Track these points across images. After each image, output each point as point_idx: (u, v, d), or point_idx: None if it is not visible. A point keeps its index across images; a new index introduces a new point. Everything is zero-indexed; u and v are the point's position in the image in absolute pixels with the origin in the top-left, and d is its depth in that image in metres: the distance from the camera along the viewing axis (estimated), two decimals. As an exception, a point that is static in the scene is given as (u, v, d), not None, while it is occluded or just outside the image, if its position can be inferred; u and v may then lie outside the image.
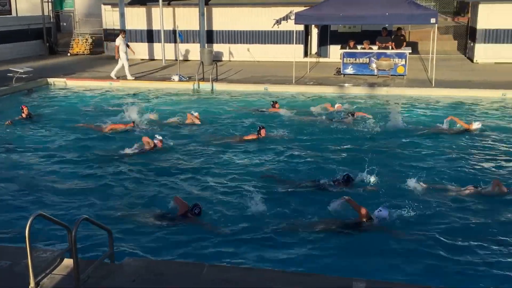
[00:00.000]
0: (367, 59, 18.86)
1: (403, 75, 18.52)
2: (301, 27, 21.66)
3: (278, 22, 22.93)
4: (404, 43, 19.83)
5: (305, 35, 23.26)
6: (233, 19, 23.38)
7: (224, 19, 23.48)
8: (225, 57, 23.75)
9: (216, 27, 23.65)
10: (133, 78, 19.30)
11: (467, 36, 23.92)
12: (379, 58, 18.70)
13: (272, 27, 23.08)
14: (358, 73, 18.99)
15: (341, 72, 19.22)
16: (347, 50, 19.21)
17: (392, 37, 20.20)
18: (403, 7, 16.84)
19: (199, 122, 13.47)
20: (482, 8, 21.06)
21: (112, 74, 19.31)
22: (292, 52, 19.50)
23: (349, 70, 19.10)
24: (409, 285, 5.71)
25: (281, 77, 19.06)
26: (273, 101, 15.16)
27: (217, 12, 23.55)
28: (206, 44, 22.91)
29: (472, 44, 22.21)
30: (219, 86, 18.31)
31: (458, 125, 12.63)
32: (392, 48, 19.26)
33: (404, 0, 17.02)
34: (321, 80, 18.62)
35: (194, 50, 23.24)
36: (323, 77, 19.14)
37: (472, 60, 21.85)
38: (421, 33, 25.41)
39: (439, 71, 17.76)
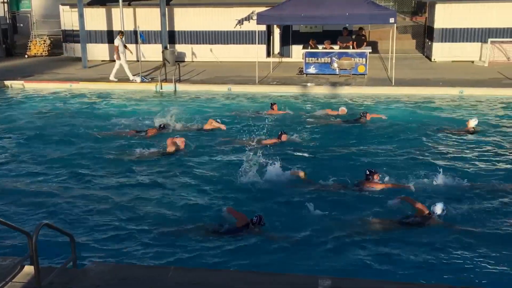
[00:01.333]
0: (329, 59, 19.09)
1: (364, 74, 18.83)
2: (263, 27, 21.73)
3: (240, 22, 22.94)
4: (365, 43, 20.17)
5: (268, 35, 23.36)
6: (195, 19, 23.25)
7: (186, 19, 23.33)
8: (187, 58, 23.61)
9: (178, 27, 23.47)
10: (133, 79, 18.92)
11: (425, 35, 24.50)
12: (341, 58, 18.95)
13: (235, 28, 23.08)
14: (320, 73, 19.20)
15: (304, 71, 19.38)
16: (309, 50, 19.40)
17: (354, 36, 20.51)
18: (363, 7, 17.11)
19: (224, 128, 12.88)
20: (439, 8, 21.61)
21: (111, 77, 18.83)
22: (255, 52, 19.55)
23: (312, 70, 19.28)
24: (375, 281, 5.80)
25: (245, 77, 19.07)
26: (271, 103, 14.76)
27: (178, 12, 23.38)
28: (168, 45, 22.71)
29: (430, 43, 22.77)
30: (182, 87, 18.19)
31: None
32: (353, 48, 19.56)
33: (364, 1, 17.31)
34: (284, 80, 18.73)
35: (156, 51, 22.99)
36: (286, 77, 19.26)
37: (430, 59, 22.39)
38: (380, 33, 25.90)
39: (399, 69, 18.13)
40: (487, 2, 20.90)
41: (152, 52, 23.10)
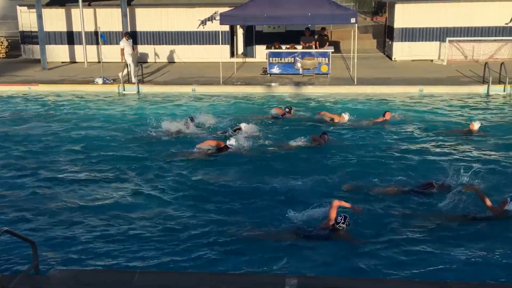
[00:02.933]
0: (292, 59, 19.22)
1: (327, 74, 19.04)
2: (226, 28, 21.72)
3: (203, 22, 22.85)
4: (327, 43, 20.40)
5: (231, 35, 23.34)
6: (157, 19, 23.02)
7: (148, 19, 23.07)
8: (150, 59, 23.36)
9: (140, 28, 23.19)
10: (135, 82, 18.43)
11: (385, 35, 24.96)
12: (304, 58, 19.12)
13: (198, 28, 22.97)
14: (284, 73, 19.31)
15: (268, 71, 19.46)
16: (273, 50, 19.49)
17: (316, 36, 20.72)
18: (324, 8, 17.30)
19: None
20: (398, 8, 22.04)
21: (133, 79, 18.29)
22: (219, 53, 19.51)
23: (275, 70, 19.38)
24: (339, 278, 5.88)
25: (209, 78, 19.01)
26: (288, 107, 14.45)
27: (140, 12, 23.10)
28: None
29: (390, 43, 23.20)
30: (145, 88, 17.99)
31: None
32: (316, 48, 19.76)
33: (326, 1, 17.50)
34: (248, 80, 18.76)
35: (118, 52, 22.63)
36: (250, 77, 19.30)
37: (390, 58, 22.82)
38: (342, 33, 26.25)
39: (361, 69, 18.41)
40: (444, 2, 21.44)
41: (114, 53, 22.75)
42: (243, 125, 12.31)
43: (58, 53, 23.39)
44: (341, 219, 7.26)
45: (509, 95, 16.31)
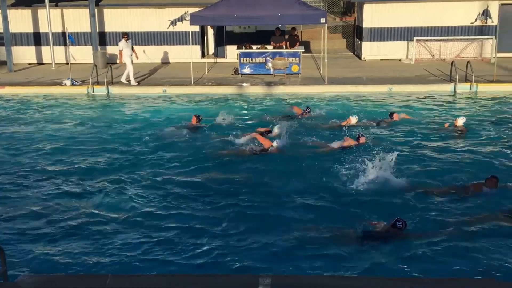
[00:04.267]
0: (263, 59, 19.27)
1: (297, 74, 19.15)
2: (197, 28, 21.64)
3: (173, 23, 22.72)
4: (298, 43, 20.53)
5: (202, 35, 23.27)
6: (126, 20, 22.78)
7: (117, 20, 22.82)
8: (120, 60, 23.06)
9: (109, 28, 22.91)
10: (137, 84, 18.26)
11: (355, 35, 25.26)
12: (275, 58, 19.19)
13: (168, 28, 22.83)
14: (255, 73, 19.35)
15: (239, 72, 19.47)
16: (244, 50, 19.50)
17: (287, 36, 20.83)
18: (294, 8, 17.41)
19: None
20: (367, 8, 22.33)
21: (132, 82, 18.12)
22: (189, 53, 19.43)
23: (246, 70, 19.40)
24: (313, 276, 5.92)
25: (180, 79, 18.91)
26: (307, 106, 14.24)
27: (109, 13, 22.81)
28: (99, 47, 22.14)
29: (359, 43, 23.49)
30: (115, 90, 17.78)
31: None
32: (286, 48, 19.86)
33: (295, 1, 17.61)
34: (219, 80, 18.73)
35: (86, 53, 22.35)
36: (221, 77, 19.27)
37: (360, 58, 23.10)
38: (312, 33, 26.48)
39: (331, 68, 18.58)
40: (412, 2, 21.82)
41: (83, 54, 22.44)
42: (276, 128, 12.06)
43: (24, 54, 22.93)
44: (400, 224, 7.27)
45: (475, 93, 16.70)
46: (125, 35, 18.70)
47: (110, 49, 22.80)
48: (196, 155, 10.95)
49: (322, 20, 17.26)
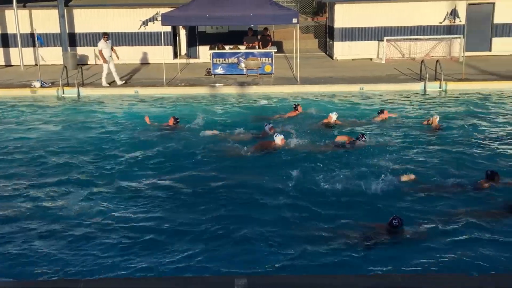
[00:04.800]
0: (236, 59, 19.26)
1: (270, 74, 19.20)
2: (168, 28, 21.49)
3: (144, 23, 22.52)
4: (270, 43, 20.58)
5: (174, 36, 23.12)
6: (96, 20, 22.45)
7: (87, 21, 22.47)
8: (90, 61, 22.76)
9: (79, 29, 22.56)
10: (108, 85, 17.87)
11: (326, 35, 25.46)
12: (247, 58, 19.20)
13: (139, 29, 22.61)
14: (228, 73, 19.32)
15: (212, 72, 19.41)
16: (216, 51, 19.45)
17: (259, 37, 20.87)
18: (266, 8, 17.46)
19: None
20: (338, 8, 22.52)
21: (103, 83, 17.78)
22: (161, 54, 19.30)
23: (219, 70, 19.35)
24: (288, 276, 5.95)
25: (152, 79, 18.76)
26: (295, 104, 14.26)
27: (78, 13, 22.47)
28: (69, 48, 21.79)
29: (331, 42, 23.68)
30: (85, 91, 17.54)
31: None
32: (259, 48, 19.89)
33: (267, 2, 17.66)
34: (192, 81, 18.65)
35: (56, 54, 21.97)
36: (194, 78, 19.19)
37: (332, 57, 23.28)
38: (284, 33, 26.57)
39: (303, 68, 18.68)
40: (382, 2, 22.10)
41: (52, 56, 22.06)
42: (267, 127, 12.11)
43: (-9, 56, 22.44)
44: (396, 222, 7.30)
45: (445, 91, 17.01)
46: (105, 35, 18.35)
47: (81, 50, 22.49)
48: (173, 156, 10.88)
49: (294, 20, 17.34)
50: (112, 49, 18.12)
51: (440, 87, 17.14)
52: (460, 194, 8.79)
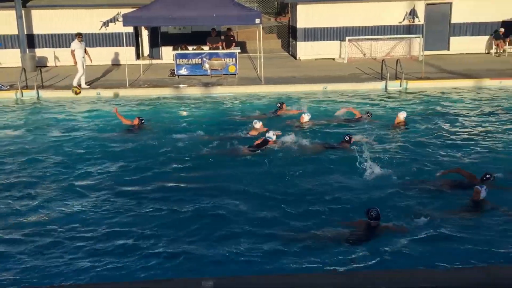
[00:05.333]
0: (200, 60, 19.18)
1: (234, 74, 19.21)
2: (130, 29, 21.23)
3: (105, 24, 22.17)
4: (234, 43, 20.59)
5: (136, 37, 22.85)
6: (56, 21, 21.97)
7: (46, 21, 21.95)
8: (50, 63, 22.27)
9: (37, 30, 22.03)
10: (87, 86, 17.48)
11: (289, 35, 25.63)
12: (211, 59, 19.15)
13: (100, 30, 22.26)
14: (192, 74, 19.22)
15: (175, 73, 19.27)
16: (180, 51, 19.33)
17: (223, 37, 20.84)
18: (229, 9, 17.45)
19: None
20: (300, 9, 22.71)
21: (83, 85, 17.34)
22: (124, 55, 19.03)
23: (183, 71, 19.24)
24: (255, 276, 5.97)
25: (114, 81, 18.50)
26: (280, 103, 14.27)
27: (37, 14, 21.93)
28: (27, 49, 21.26)
29: (294, 42, 23.86)
30: (45, 94, 17.15)
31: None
32: (223, 48, 19.87)
33: (230, 2, 17.67)
34: (156, 82, 18.48)
35: (14, 56, 21.40)
36: (157, 79, 19.02)
37: (295, 57, 23.46)
38: (248, 33, 26.64)
39: (267, 68, 18.76)
40: (343, 3, 22.38)
41: (10, 58, 21.47)
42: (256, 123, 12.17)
43: None
44: (375, 213, 7.36)
45: (405, 89, 17.38)
46: (79, 35, 17.89)
47: (40, 52, 21.98)
48: (138, 158, 10.77)
49: (257, 21, 17.39)
50: (85, 51, 17.76)
51: (400, 86, 17.50)
52: (422, 191, 9.01)
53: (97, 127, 13.45)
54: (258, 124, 12.13)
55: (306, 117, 13.09)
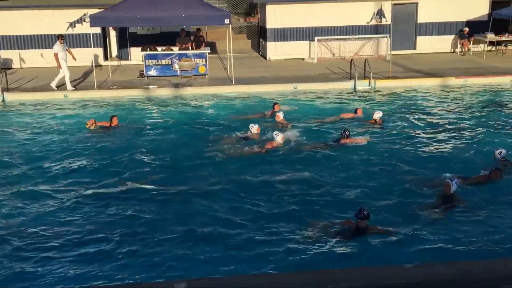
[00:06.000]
0: (169, 61, 19.05)
1: (205, 75, 19.14)
2: (98, 30, 20.92)
3: (72, 25, 21.79)
4: (203, 44, 20.51)
5: (104, 37, 22.54)
6: (21, 22, 21.46)
7: (10, 22, 21.41)
8: (15, 64, 21.76)
9: (2, 32, 21.49)
10: (74, 88, 17.11)
11: (259, 35, 25.67)
12: (181, 59, 19.04)
13: (67, 31, 21.85)
14: (162, 75, 19.06)
15: (145, 74, 19.09)
16: (149, 52, 19.15)
17: (192, 37, 20.74)
18: (198, 9, 17.39)
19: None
20: (269, 9, 22.76)
21: (69, 87, 17.05)
22: (91, 56, 18.75)
23: (152, 72, 19.07)
24: (227, 277, 5.97)
25: (82, 83, 18.20)
26: (274, 103, 14.40)
27: (1, 15, 21.38)
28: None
29: (264, 43, 23.91)
30: (11, 96, 16.76)
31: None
32: (192, 49, 19.77)
33: (199, 2, 17.60)
34: (125, 83, 18.27)
35: (-23, 58, 20.87)
36: (126, 80, 18.81)
37: (265, 58, 23.51)
38: (217, 34, 26.55)
39: (237, 69, 18.77)
40: (312, 3, 22.53)
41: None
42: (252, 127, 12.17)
43: None
44: (365, 212, 7.39)
45: (374, 88, 17.62)
46: (61, 37, 17.64)
47: (4, 54, 21.46)
48: (107, 159, 10.68)
49: (227, 21, 17.37)
50: (67, 50, 17.55)
51: (369, 85, 17.74)
52: (390, 187, 9.17)
53: (65, 129, 13.24)
54: (254, 128, 12.15)
55: (281, 115, 13.34)
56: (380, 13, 22.93)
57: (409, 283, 4.81)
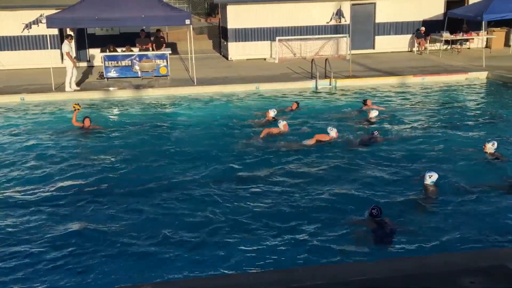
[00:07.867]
0: (130, 62, 18.80)
1: (166, 76, 18.98)
2: (55, 31, 20.44)
3: (28, 26, 21.22)
4: (164, 45, 20.33)
5: (61, 39, 22.02)
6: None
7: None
8: (-32, 67, 21.06)
9: (-48, 33, 20.79)
10: (73, 90, 16.77)
11: (220, 36, 25.64)
12: (141, 60, 18.82)
13: (22, 32, 21.28)
14: (122, 76, 18.80)
15: (104, 76, 18.78)
16: (108, 53, 18.85)
17: (153, 38, 20.53)
18: (158, 10, 17.21)
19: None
20: (230, 10, 22.76)
21: (67, 88, 16.89)
22: (48, 58, 18.31)
23: (113, 74, 18.78)
24: (194, 279, 5.94)
25: (39, 85, 17.77)
26: (295, 102, 14.90)
27: (-49, 16, 20.69)
28: None
29: (225, 43, 23.90)
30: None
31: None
32: (153, 50, 19.57)
33: (159, 3, 17.43)
34: (84, 85, 17.94)
35: None
36: (85, 82, 18.47)
37: (227, 58, 23.51)
38: (178, 34, 26.39)
39: (199, 69, 18.69)
40: (272, 3, 22.66)
41: None
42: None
43: None
44: (376, 212, 7.39)
45: (334, 88, 17.86)
46: (69, 36, 17.56)
47: (-44, 56, 20.75)
48: (70, 159, 10.48)
49: (187, 22, 17.26)
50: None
51: (330, 84, 17.97)
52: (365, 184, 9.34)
53: (22, 132, 12.89)
54: (281, 124, 12.25)
55: (271, 113, 13.51)
56: (339, 13, 23.24)
57: (372, 279, 4.91)
